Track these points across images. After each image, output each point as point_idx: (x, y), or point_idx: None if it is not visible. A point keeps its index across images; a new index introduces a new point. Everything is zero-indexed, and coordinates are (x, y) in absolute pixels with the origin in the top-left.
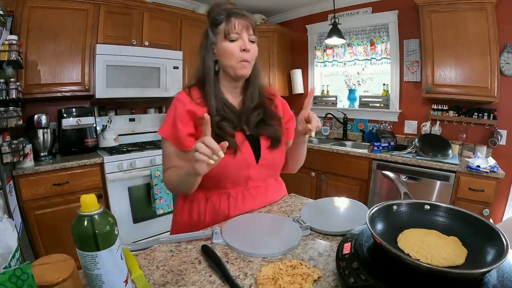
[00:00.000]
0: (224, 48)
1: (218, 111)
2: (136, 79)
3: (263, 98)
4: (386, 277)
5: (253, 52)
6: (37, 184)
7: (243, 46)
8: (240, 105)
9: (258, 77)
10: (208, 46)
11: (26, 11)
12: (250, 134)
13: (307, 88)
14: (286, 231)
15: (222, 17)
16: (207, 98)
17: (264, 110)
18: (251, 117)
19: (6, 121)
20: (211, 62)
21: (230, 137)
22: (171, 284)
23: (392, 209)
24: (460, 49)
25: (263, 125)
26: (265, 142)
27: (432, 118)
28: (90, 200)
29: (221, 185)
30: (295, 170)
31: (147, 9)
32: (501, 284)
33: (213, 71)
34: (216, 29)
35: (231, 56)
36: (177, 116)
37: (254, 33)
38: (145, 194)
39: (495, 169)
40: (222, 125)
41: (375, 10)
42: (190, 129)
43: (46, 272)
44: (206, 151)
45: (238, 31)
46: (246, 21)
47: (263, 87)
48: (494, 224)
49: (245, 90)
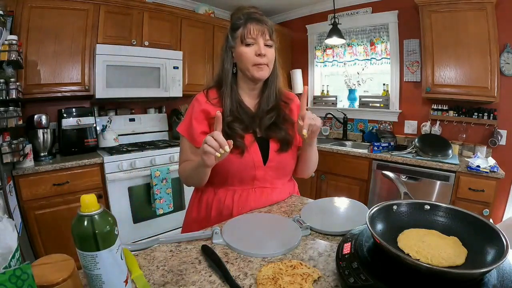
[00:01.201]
0: (241, 52)
1: (232, 112)
2: (136, 79)
3: (278, 101)
4: (386, 277)
5: (269, 56)
6: (37, 184)
7: (258, 51)
8: (256, 108)
9: (276, 80)
10: (227, 49)
11: (26, 11)
12: (260, 137)
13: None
14: (286, 231)
15: (241, 21)
16: (223, 99)
17: (277, 113)
18: (264, 119)
19: (6, 121)
20: (229, 65)
21: (239, 137)
22: (171, 284)
23: (392, 209)
24: (460, 49)
25: (274, 128)
26: (275, 144)
27: (432, 118)
28: (90, 200)
29: (228, 182)
30: (306, 175)
31: (147, 9)
32: (501, 284)
33: (231, 73)
34: (234, 33)
35: (246, 60)
36: (193, 114)
37: (271, 38)
38: (145, 194)
39: (495, 169)
40: (233, 126)
41: (375, 10)
42: (204, 128)
43: (46, 272)
44: (213, 144)
45: (253, 36)
46: (262, 26)
47: (280, 91)
48: (494, 224)
49: (262, 93)
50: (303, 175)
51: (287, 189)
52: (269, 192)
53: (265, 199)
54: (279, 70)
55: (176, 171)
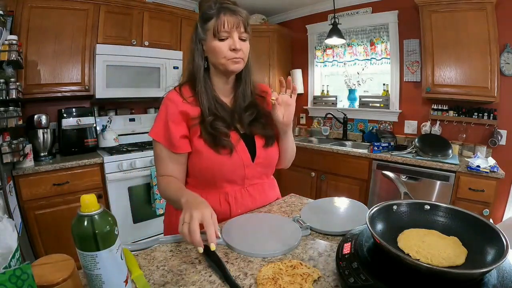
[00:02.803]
0: (214, 47)
1: (211, 110)
2: (136, 79)
3: (254, 96)
4: (386, 277)
5: (245, 51)
6: (37, 184)
7: (232, 46)
8: (232, 103)
9: (250, 74)
10: (197, 42)
11: (26, 11)
12: (244, 133)
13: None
14: (286, 231)
15: (212, 11)
16: (199, 97)
17: (256, 109)
18: (244, 116)
19: (6, 121)
20: (200, 59)
21: (224, 136)
22: (171, 284)
23: (392, 209)
24: (460, 49)
25: (256, 124)
26: (260, 140)
27: (432, 118)
28: (90, 200)
29: (217, 185)
30: (285, 166)
31: (147, 9)
32: (501, 284)
33: (203, 68)
34: (205, 25)
35: (220, 55)
36: (169, 117)
37: (246, 30)
38: (145, 194)
39: (495, 169)
40: (216, 125)
41: (375, 10)
42: (183, 131)
43: (46, 272)
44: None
45: (227, 29)
46: (237, 18)
47: (255, 85)
48: (494, 224)
49: (237, 88)
50: (282, 165)
51: (273, 183)
52: (260, 188)
53: (260, 196)
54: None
55: None
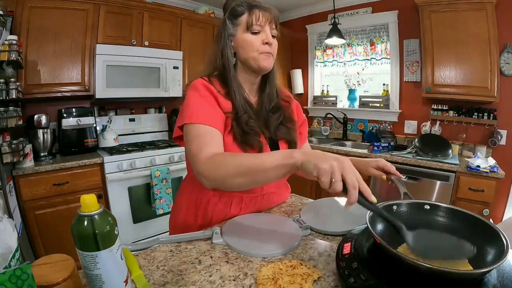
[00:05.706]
0: (245, 40)
1: (243, 108)
2: (136, 79)
3: (279, 99)
4: (386, 277)
5: (275, 47)
6: (37, 184)
7: (265, 39)
8: (257, 105)
9: (275, 78)
10: (226, 37)
11: (26, 11)
12: (269, 137)
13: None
14: (286, 231)
15: (243, 8)
16: (231, 93)
17: (283, 113)
18: (271, 119)
19: (6, 121)
20: (230, 55)
21: (257, 136)
22: (171, 284)
23: (392, 209)
24: (460, 49)
25: (282, 128)
26: (284, 146)
27: (432, 118)
28: (90, 200)
29: None
30: None
31: (147, 9)
32: (501, 284)
33: (232, 64)
34: (236, 20)
35: (252, 48)
36: (206, 99)
37: (276, 28)
38: (145, 194)
39: (495, 169)
40: (251, 123)
41: (375, 10)
42: (222, 114)
43: (46, 272)
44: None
45: (261, 23)
46: (270, 14)
47: (279, 89)
48: (494, 224)
49: (262, 90)
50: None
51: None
52: (275, 198)
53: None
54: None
55: (176, 171)
